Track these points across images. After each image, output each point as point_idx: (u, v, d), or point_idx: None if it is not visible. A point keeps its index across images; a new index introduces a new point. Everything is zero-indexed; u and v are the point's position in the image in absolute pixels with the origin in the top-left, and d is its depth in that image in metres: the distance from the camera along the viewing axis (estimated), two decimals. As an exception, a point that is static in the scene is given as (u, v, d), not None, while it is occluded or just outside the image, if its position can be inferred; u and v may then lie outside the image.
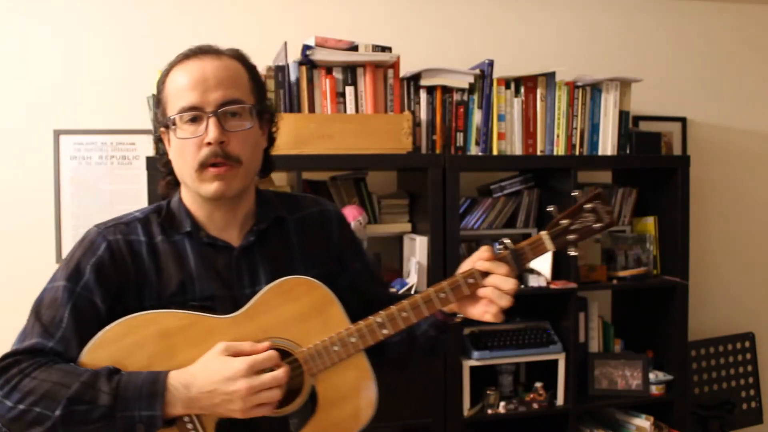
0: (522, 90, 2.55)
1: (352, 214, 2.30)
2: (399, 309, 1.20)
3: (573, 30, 3.00)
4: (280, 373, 1.13)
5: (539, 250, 1.21)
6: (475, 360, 2.38)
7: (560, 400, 2.49)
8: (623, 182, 2.83)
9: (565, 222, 1.21)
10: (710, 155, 3.14)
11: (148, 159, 2.17)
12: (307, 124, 2.26)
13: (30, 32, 2.53)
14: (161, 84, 1.24)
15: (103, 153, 2.57)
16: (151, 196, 2.15)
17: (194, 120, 1.17)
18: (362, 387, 1.23)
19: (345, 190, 2.48)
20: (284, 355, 1.19)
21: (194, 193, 1.23)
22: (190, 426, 1.15)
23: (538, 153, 2.56)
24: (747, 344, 3.04)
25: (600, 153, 2.62)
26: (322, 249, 1.34)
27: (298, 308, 1.20)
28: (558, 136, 2.56)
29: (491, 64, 2.49)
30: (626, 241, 2.73)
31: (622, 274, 2.63)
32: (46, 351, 1.13)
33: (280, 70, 2.29)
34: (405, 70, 2.43)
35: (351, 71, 2.35)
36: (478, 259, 1.22)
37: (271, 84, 2.30)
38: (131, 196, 2.55)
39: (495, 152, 2.51)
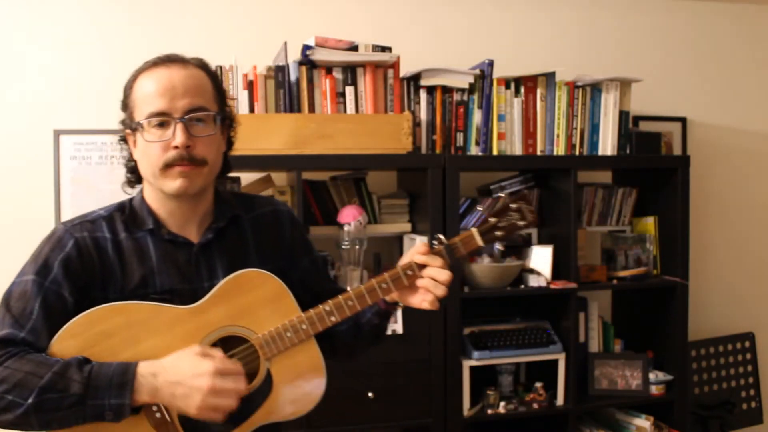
0: (522, 90, 2.55)
1: (352, 214, 2.30)
2: (345, 298, 1.31)
3: (573, 30, 3.00)
4: (242, 385, 1.21)
5: (470, 245, 1.34)
6: (475, 360, 2.38)
7: (560, 400, 2.49)
8: (623, 182, 2.83)
9: (493, 220, 1.34)
10: (710, 155, 3.14)
11: (148, 159, 2.16)
12: (307, 124, 2.26)
13: (30, 32, 2.53)
14: (128, 89, 1.31)
15: (103, 153, 2.57)
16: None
17: (161, 125, 1.26)
18: (313, 370, 1.33)
19: (345, 190, 2.48)
20: (241, 341, 1.29)
21: (157, 190, 1.31)
22: (156, 412, 1.22)
23: (538, 153, 2.56)
24: (747, 344, 3.04)
25: (600, 153, 2.62)
26: (275, 246, 1.42)
27: (253, 298, 1.29)
28: (558, 136, 2.56)
29: (491, 64, 2.49)
30: (626, 241, 2.73)
31: (622, 274, 2.63)
32: (17, 341, 1.19)
33: (280, 70, 2.29)
34: (405, 70, 2.43)
35: (351, 71, 2.35)
36: (415, 253, 1.33)
37: (271, 84, 2.30)
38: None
39: (495, 152, 2.51)
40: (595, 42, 3.01)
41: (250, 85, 2.29)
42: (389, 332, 2.27)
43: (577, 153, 2.58)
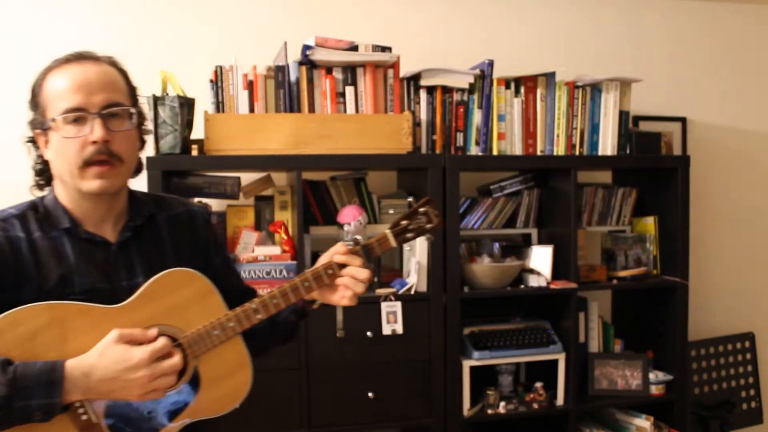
0: (522, 90, 2.55)
1: (352, 214, 2.30)
2: (270, 296, 1.35)
3: (573, 30, 3.00)
4: (177, 360, 1.24)
5: (384, 245, 1.41)
6: (475, 360, 2.38)
7: (560, 400, 2.49)
8: (623, 182, 2.83)
9: (404, 222, 1.43)
10: (710, 155, 3.14)
11: (149, 159, 2.16)
12: (307, 124, 2.26)
13: (30, 32, 2.53)
14: (38, 88, 1.30)
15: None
16: (151, 196, 2.15)
17: (77, 120, 1.24)
18: (240, 366, 1.35)
19: (345, 190, 2.48)
20: (169, 339, 1.29)
21: (72, 189, 1.29)
22: (81, 411, 1.22)
23: (538, 153, 2.56)
24: (747, 344, 3.04)
25: (600, 153, 2.62)
26: (190, 245, 1.43)
27: (180, 297, 1.31)
28: (558, 136, 2.56)
29: (491, 64, 2.49)
30: (626, 241, 2.73)
31: (622, 274, 2.63)
32: None
33: (280, 70, 2.29)
34: (405, 70, 2.43)
35: (351, 71, 2.35)
36: (335, 253, 1.39)
37: (271, 84, 2.30)
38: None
39: (495, 152, 2.51)
40: (595, 42, 3.01)
41: (250, 85, 2.29)
42: (389, 332, 2.27)
43: (577, 153, 2.58)
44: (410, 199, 2.48)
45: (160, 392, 1.23)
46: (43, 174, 1.35)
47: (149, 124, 1.43)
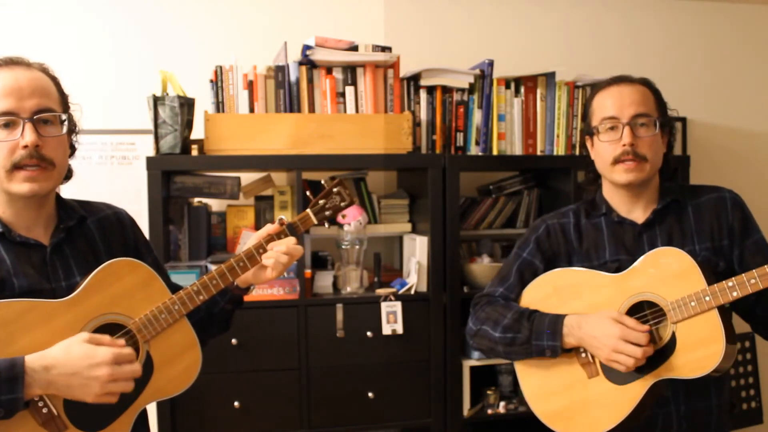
0: (522, 90, 2.55)
1: (352, 214, 2.30)
2: (210, 278, 1.43)
3: (573, 30, 3.00)
4: (138, 367, 1.27)
5: (307, 223, 1.55)
6: (475, 360, 2.38)
7: (560, 400, 2.48)
8: (623, 182, 2.83)
9: (321, 202, 1.58)
10: (710, 155, 3.14)
11: (148, 159, 2.17)
12: (307, 124, 2.27)
13: (29, 32, 2.53)
14: None
15: (103, 153, 2.57)
16: (151, 196, 2.15)
17: (7, 125, 1.26)
18: (189, 346, 1.42)
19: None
20: (118, 327, 1.35)
21: (2, 193, 1.31)
22: (41, 404, 1.24)
23: (538, 153, 2.56)
24: (747, 344, 3.04)
25: (600, 153, 2.62)
26: (121, 245, 1.48)
27: (125, 285, 1.37)
28: (558, 136, 2.56)
29: (491, 64, 2.49)
30: (626, 241, 2.72)
31: (622, 274, 2.63)
32: None
33: (280, 70, 2.29)
34: (405, 70, 2.43)
35: (351, 71, 2.35)
36: (264, 233, 1.50)
37: (271, 84, 2.30)
38: (131, 196, 2.55)
39: (495, 152, 2.51)
40: (595, 42, 3.01)
41: (250, 85, 2.29)
42: (389, 332, 2.27)
43: (577, 153, 2.58)
44: (323, 181, 2.47)
45: (115, 396, 1.25)
46: None
47: (77, 135, 1.45)
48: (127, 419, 1.34)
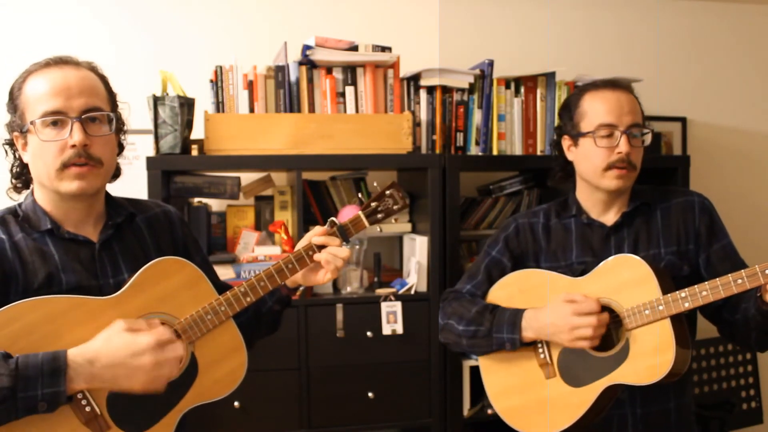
0: (522, 90, 2.55)
1: (353, 214, 2.29)
2: (257, 279, 1.41)
3: (573, 30, 3.00)
4: (180, 348, 1.26)
5: (359, 226, 1.53)
6: (475, 360, 2.38)
7: (560, 400, 2.48)
8: (623, 182, 2.83)
9: (374, 204, 1.56)
10: (710, 155, 3.14)
11: (149, 159, 2.17)
12: (307, 124, 2.27)
13: (29, 32, 2.53)
14: (17, 90, 1.31)
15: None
16: (151, 196, 2.15)
17: (56, 124, 1.26)
18: (234, 349, 1.39)
19: (345, 190, 2.48)
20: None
21: (51, 192, 1.31)
22: (84, 402, 1.23)
23: (538, 153, 2.56)
24: (747, 344, 3.04)
25: (600, 153, 2.62)
26: (170, 243, 1.48)
27: (172, 285, 1.35)
28: (558, 136, 2.56)
29: (491, 64, 2.49)
30: (626, 241, 2.72)
31: (622, 274, 2.63)
32: None
33: (280, 70, 2.29)
34: (405, 70, 2.43)
35: (351, 71, 2.35)
36: (314, 235, 1.49)
37: (271, 84, 2.30)
38: (131, 196, 2.54)
39: (495, 152, 2.51)
40: (595, 42, 3.01)
41: (250, 85, 2.29)
42: (389, 332, 2.27)
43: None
44: (375, 183, 2.47)
45: (162, 380, 1.24)
46: (21, 177, 1.37)
47: (126, 134, 1.47)
48: (170, 421, 1.32)
